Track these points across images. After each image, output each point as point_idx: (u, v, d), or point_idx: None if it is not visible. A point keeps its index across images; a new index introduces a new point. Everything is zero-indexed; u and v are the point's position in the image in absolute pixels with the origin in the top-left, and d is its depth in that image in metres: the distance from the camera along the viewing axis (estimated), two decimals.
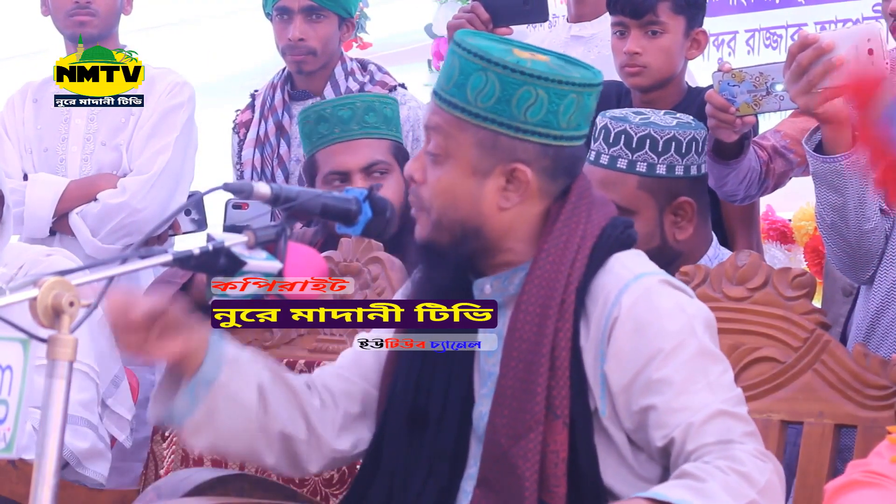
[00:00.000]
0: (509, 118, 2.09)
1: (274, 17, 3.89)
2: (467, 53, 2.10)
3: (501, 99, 2.08)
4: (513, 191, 2.12)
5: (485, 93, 2.08)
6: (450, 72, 2.12)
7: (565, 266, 2.09)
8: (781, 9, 4.66)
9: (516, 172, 2.11)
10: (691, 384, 2.03)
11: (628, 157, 2.84)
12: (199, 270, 1.93)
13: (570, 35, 3.75)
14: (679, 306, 2.09)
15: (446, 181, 2.12)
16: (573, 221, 2.12)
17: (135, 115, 3.94)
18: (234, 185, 2.02)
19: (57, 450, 1.75)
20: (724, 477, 1.93)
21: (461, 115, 2.10)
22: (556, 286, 2.08)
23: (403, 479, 2.15)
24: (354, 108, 3.19)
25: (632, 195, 2.85)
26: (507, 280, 2.15)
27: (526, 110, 2.09)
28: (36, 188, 3.87)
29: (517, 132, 2.10)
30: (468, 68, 2.09)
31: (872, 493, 1.95)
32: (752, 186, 3.04)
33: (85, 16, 3.94)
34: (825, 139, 2.58)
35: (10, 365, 1.81)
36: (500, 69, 2.08)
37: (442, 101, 2.12)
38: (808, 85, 2.50)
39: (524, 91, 2.08)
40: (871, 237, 2.62)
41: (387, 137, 3.22)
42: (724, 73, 2.79)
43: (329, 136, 3.20)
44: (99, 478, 2.94)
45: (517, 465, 2.03)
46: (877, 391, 2.33)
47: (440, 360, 2.16)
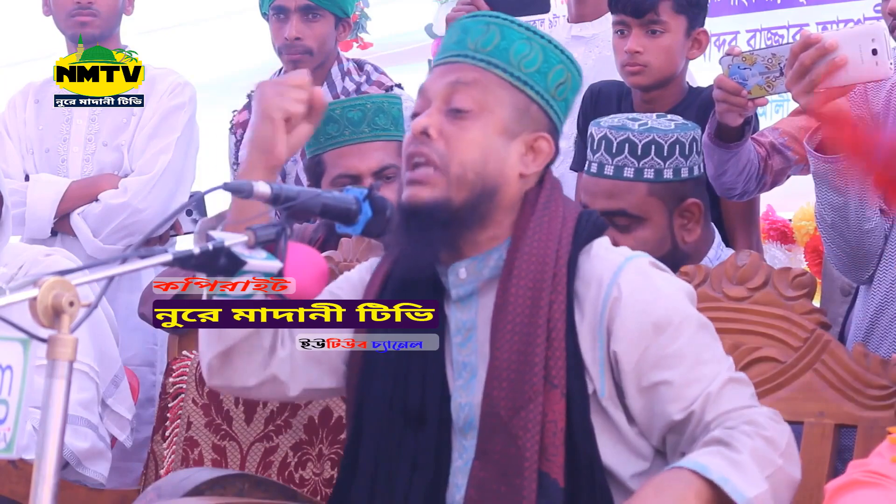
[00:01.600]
0: (545, 89, 2.17)
1: (270, 16, 3.89)
2: (510, 23, 2.17)
3: (541, 70, 2.16)
4: (531, 160, 2.17)
5: (529, 59, 2.15)
6: (487, 36, 2.16)
7: (553, 242, 2.13)
8: (783, 9, 4.67)
9: (539, 142, 2.17)
10: (701, 356, 2.08)
11: (634, 164, 2.83)
12: (200, 270, 1.92)
13: (570, 35, 3.74)
14: (672, 284, 2.16)
15: (477, 135, 2.14)
16: (553, 204, 2.17)
17: (136, 115, 3.94)
18: (234, 184, 2.02)
19: (57, 450, 1.74)
20: (751, 443, 1.98)
21: (503, 74, 2.16)
22: (546, 260, 2.11)
23: (386, 478, 2.15)
24: (365, 110, 3.15)
25: (642, 202, 2.84)
26: (482, 262, 2.16)
27: (557, 87, 2.17)
28: (37, 188, 3.88)
29: (546, 105, 2.17)
30: (512, 35, 2.16)
31: (873, 492, 1.95)
32: (750, 181, 3.04)
33: (86, 16, 3.95)
34: (826, 139, 2.58)
35: (10, 365, 1.81)
36: (546, 42, 2.17)
37: (478, 59, 2.16)
38: (810, 84, 2.49)
39: (560, 69, 2.17)
40: (871, 237, 2.62)
41: (396, 139, 3.16)
42: (734, 56, 2.77)
43: (339, 137, 3.15)
44: (99, 478, 2.94)
45: (518, 435, 2.05)
46: (877, 391, 2.33)
47: (413, 357, 2.16)
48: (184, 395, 2.88)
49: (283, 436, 2.74)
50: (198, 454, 2.80)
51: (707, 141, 2.95)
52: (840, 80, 2.47)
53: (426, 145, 2.14)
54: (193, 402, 2.86)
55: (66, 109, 3.99)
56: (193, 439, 2.83)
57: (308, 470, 2.71)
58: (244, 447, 2.78)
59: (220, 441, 2.80)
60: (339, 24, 3.90)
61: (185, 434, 2.84)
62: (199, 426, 2.84)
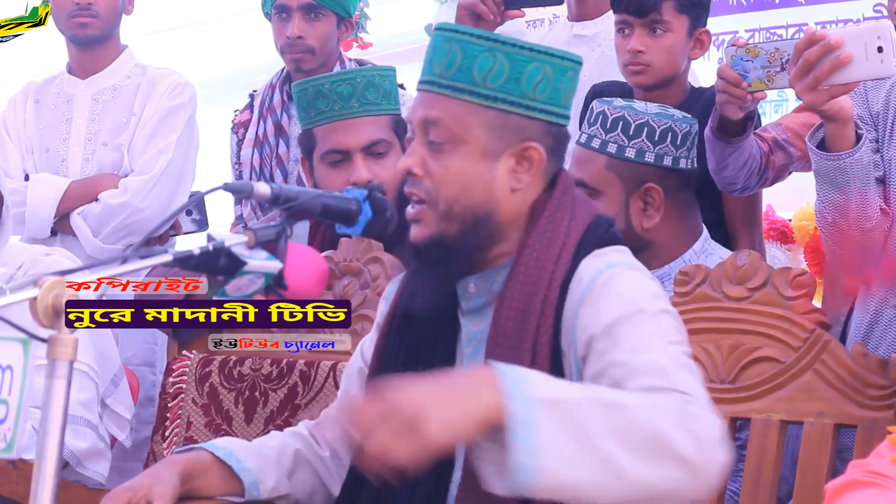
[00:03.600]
0: (519, 96, 2.09)
1: (273, 15, 3.89)
2: (470, 37, 2.10)
3: (511, 78, 2.08)
4: (524, 171, 2.12)
5: (494, 72, 2.08)
6: (449, 58, 2.10)
7: (549, 263, 2.08)
8: (782, 9, 4.67)
9: (529, 151, 2.11)
10: (639, 343, 1.95)
11: (601, 136, 2.91)
12: (200, 270, 1.92)
13: (572, 34, 3.73)
14: (637, 283, 2.05)
15: (456, 168, 2.10)
16: (557, 217, 2.12)
17: (136, 115, 3.94)
18: (234, 185, 2.02)
19: (57, 450, 1.74)
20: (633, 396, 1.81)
21: (469, 98, 2.09)
22: (539, 283, 2.07)
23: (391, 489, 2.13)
24: (354, 84, 3.13)
25: (599, 175, 2.91)
26: (491, 278, 2.15)
27: (535, 87, 2.09)
28: (37, 188, 3.88)
29: (527, 110, 2.10)
30: (473, 51, 2.09)
31: (873, 492, 1.95)
32: (751, 176, 3.04)
33: (86, 17, 3.94)
34: (829, 136, 2.57)
35: (10, 365, 1.82)
36: (509, 47, 2.08)
37: (444, 87, 2.11)
38: (814, 81, 2.49)
39: (533, 68, 2.09)
40: (871, 236, 2.62)
41: (387, 112, 3.16)
42: (738, 48, 2.77)
43: (329, 112, 3.12)
44: (99, 478, 2.94)
45: None
46: (877, 391, 2.33)
47: (423, 364, 2.14)
48: (184, 395, 2.89)
49: None
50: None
51: (709, 135, 2.96)
52: (844, 77, 2.47)
53: (415, 185, 2.13)
54: (193, 402, 2.86)
55: (66, 109, 3.99)
56: (193, 439, 2.82)
57: None
58: None
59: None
60: (341, 23, 3.90)
61: (185, 434, 2.84)
62: (199, 426, 2.84)
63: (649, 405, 1.79)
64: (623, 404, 1.78)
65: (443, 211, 2.10)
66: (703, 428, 1.78)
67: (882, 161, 2.66)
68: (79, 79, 4.03)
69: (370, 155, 3.11)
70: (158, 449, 2.90)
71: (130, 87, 4.00)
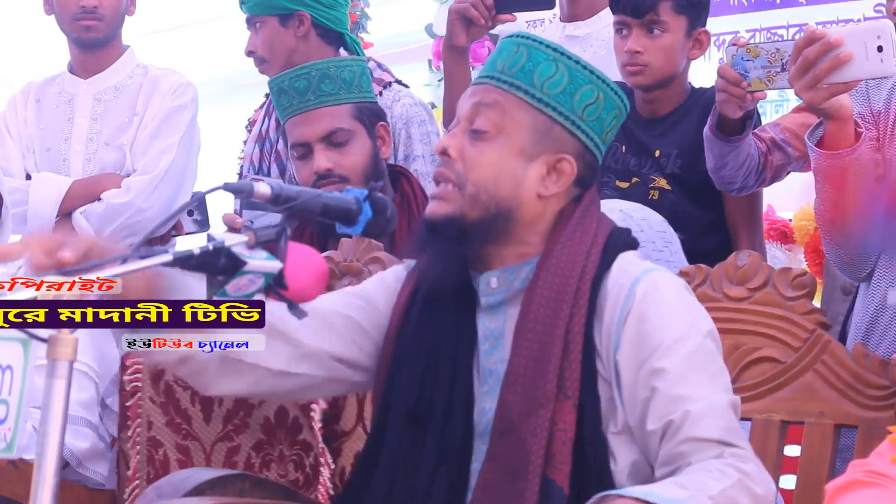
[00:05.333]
0: (569, 110, 2.18)
1: None
2: (538, 44, 2.19)
3: (567, 91, 2.17)
4: (552, 181, 2.18)
5: (553, 80, 2.17)
6: (514, 58, 2.19)
7: (580, 257, 2.15)
8: (782, 9, 4.67)
9: (562, 163, 2.18)
10: (690, 377, 2.06)
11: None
12: (200, 270, 1.93)
13: (564, 35, 3.71)
14: (685, 302, 2.14)
15: (492, 157, 2.17)
16: (587, 220, 2.19)
17: (138, 115, 3.94)
18: (234, 185, 2.02)
19: (57, 450, 1.75)
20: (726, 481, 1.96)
21: (524, 96, 2.17)
22: (571, 274, 2.13)
23: (406, 472, 2.16)
24: (310, 78, 3.20)
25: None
26: (514, 274, 2.18)
27: (585, 107, 2.18)
28: (39, 187, 3.88)
29: (572, 125, 2.18)
30: (538, 56, 2.18)
31: (873, 492, 1.95)
32: (749, 175, 3.04)
33: (91, 20, 3.94)
34: (828, 134, 2.57)
35: (10, 365, 1.82)
36: (573, 63, 2.18)
37: (503, 82, 2.19)
38: (813, 80, 2.48)
39: (588, 89, 2.18)
40: (871, 234, 2.62)
41: (347, 101, 3.22)
42: (739, 47, 2.77)
43: (290, 107, 3.22)
44: (99, 478, 2.95)
45: (526, 440, 2.07)
46: (877, 391, 2.33)
47: (442, 359, 2.19)
48: (141, 392, 2.84)
49: (243, 435, 2.73)
50: (163, 454, 2.77)
51: (708, 133, 2.96)
52: (843, 75, 2.46)
53: (447, 166, 2.19)
54: (151, 401, 2.80)
55: (68, 109, 3.99)
56: (156, 439, 2.80)
57: (273, 471, 2.70)
58: (207, 447, 2.76)
59: (182, 441, 2.78)
60: (286, 21, 3.80)
61: (147, 434, 2.80)
62: (160, 425, 2.80)
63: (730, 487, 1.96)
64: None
65: (470, 194, 2.16)
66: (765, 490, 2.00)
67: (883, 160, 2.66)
68: (80, 78, 4.03)
69: (331, 144, 3.18)
70: (125, 448, 2.86)
71: (132, 87, 3.99)
